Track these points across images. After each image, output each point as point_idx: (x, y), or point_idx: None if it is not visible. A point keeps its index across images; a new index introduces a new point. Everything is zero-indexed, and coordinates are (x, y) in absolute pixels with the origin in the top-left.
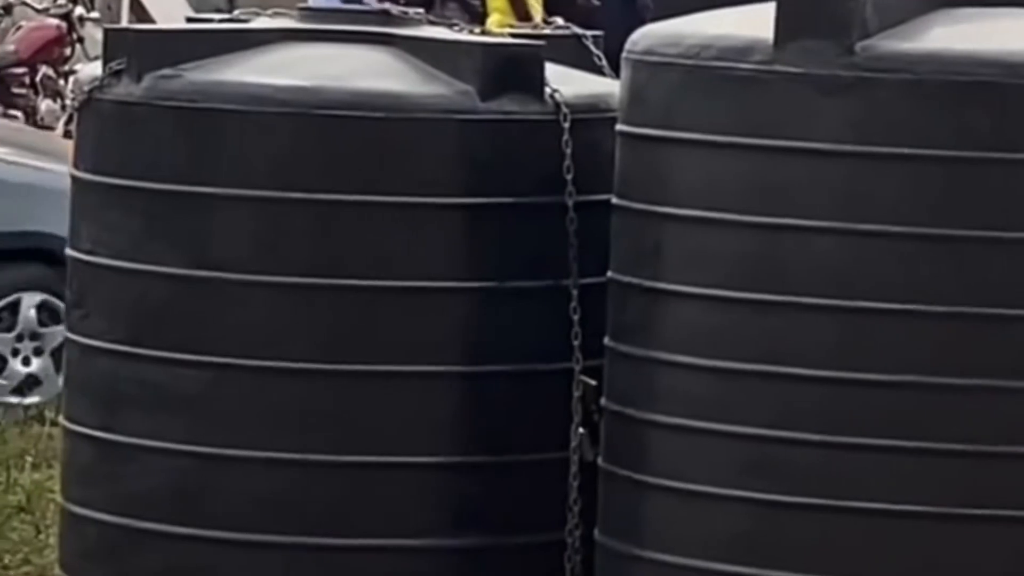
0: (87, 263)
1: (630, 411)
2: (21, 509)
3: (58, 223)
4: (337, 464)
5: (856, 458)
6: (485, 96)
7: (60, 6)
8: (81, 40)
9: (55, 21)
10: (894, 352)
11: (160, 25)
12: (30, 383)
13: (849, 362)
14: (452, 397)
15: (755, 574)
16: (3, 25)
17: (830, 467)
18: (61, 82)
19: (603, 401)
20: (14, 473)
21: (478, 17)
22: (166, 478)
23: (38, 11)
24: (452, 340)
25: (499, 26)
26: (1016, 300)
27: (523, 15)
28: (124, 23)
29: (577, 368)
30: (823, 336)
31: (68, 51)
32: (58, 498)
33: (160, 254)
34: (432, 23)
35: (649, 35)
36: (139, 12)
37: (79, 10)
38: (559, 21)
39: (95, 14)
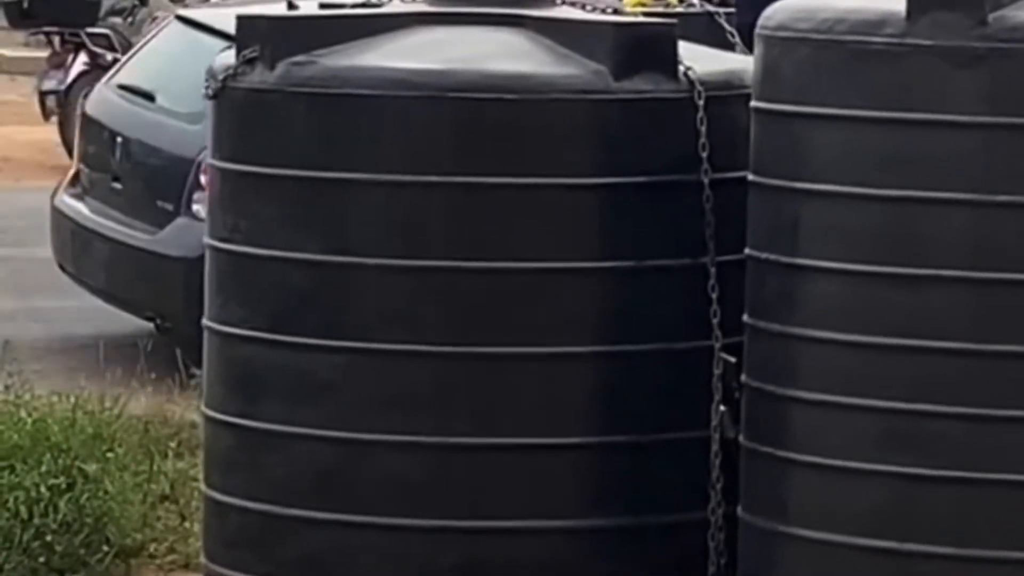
0: (226, 251)
1: (770, 387)
2: (165, 498)
3: None
4: (477, 447)
5: (995, 430)
6: (619, 75)
7: None
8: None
9: None
10: None
11: (292, 11)
12: None
13: (986, 334)
14: (591, 377)
15: (897, 547)
16: (140, 16)
17: (969, 440)
18: None
19: (743, 378)
20: (158, 461)
21: None
22: (306, 464)
23: (174, 1)
24: (590, 320)
25: (633, 5)
26: None
27: None
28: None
29: (717, 346)
30: (960, 308)
31: None
32: (201, 486)
33: (298, 240)
34: (564, 3)
35: (782, 10)
36: None
37: None
38: None
39: None
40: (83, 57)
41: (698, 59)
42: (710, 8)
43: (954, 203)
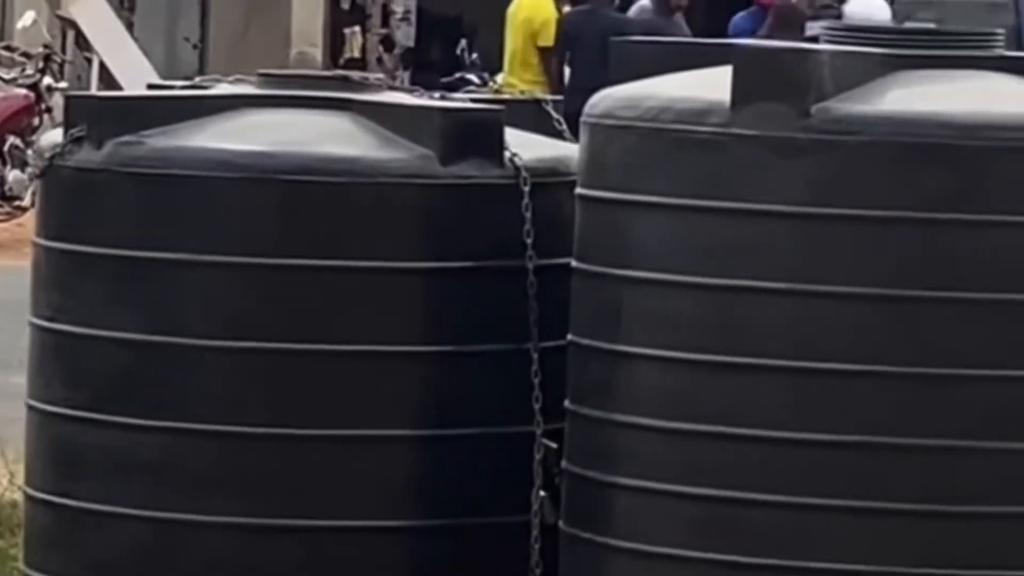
0: (49, 330)
1: (591, 473)
2: None
3: None
4: (297, 529)
5: (814, 519)
6: (445, 160)
7: (28, 76)
8: (50, 110)
9: (23, 91)
10: (851, 413)
11: (120, 92)
12: None
13: (806, 423)
14: (412, 461)
15: None
16: None
17: (789, 528)
18: (29, 152)
19: (564, 464)
20: None
21: None
22: (126, 544)
23: (6, 81)
24: (412, 404)
25: (510, 86)
26: (972, 361)
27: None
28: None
29: (538, 431)
30: (780, 397)
31: (36, 121)
32: (20, 565)
33: (121, 320)
34: (392, 88)
35: (607, 98)
36: (108, 81)
37: (47, 80)
38: None
39: (64, 84)
40: None
41: (525, 146)
42: (537, 96)
43: (775, 292)
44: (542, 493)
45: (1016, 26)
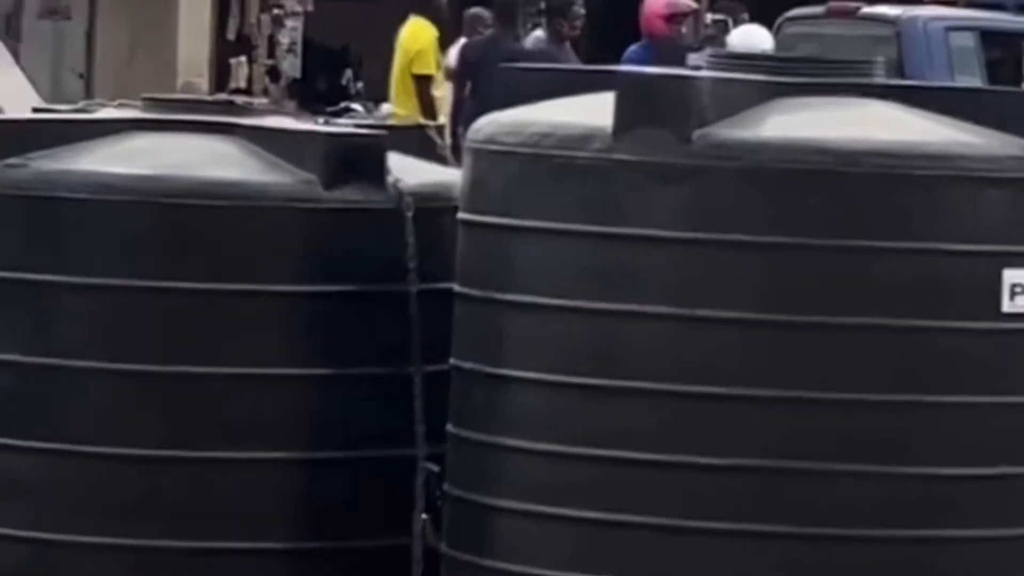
0: None
1: (472, 496)
2: None
3: None
4: (177, 551)
5: (695, 542)
6: (328, 185)
7: None
8: None
9: None
10: (731, 437)
11: (6, 115)
12: None
13: (687, 446)
14: (294, 484)
15: None
16: None
17: (670, 551)
18: None
19: (446, 487)
20: None
21: None
22: (6, 566)
23: None
24: (295, 427)
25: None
26: (850, 386)
27: (429, 112)
28: None
29: (420, 455)
30: (661, 421)
31: None
32: None
33: (3, 343)
34: (276, 112)
35: (490, 123)
36: None
37: None
38: None
39: None
40: None
41: (408, 171)
42: (421, 122)
43: (655, 317)
44: (424, 516)
45: (898, 60)
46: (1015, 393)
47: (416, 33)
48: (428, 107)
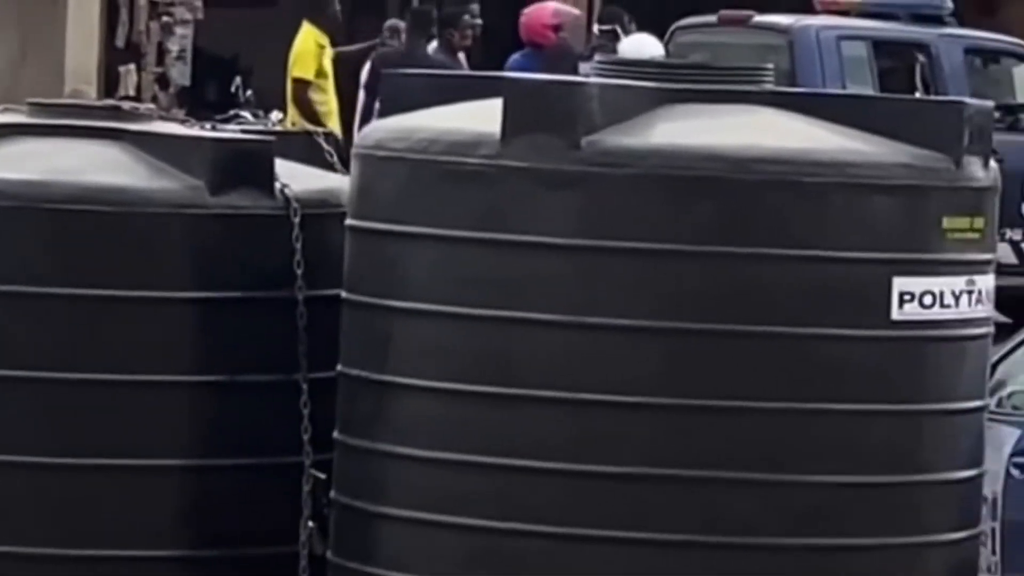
0: None
1: (359, 504)
2: None
3: None
4: (67, 559)
5: (585, 550)
6: (215, 191)
7: None
8: None
9: None
10: (624, 445)
11: None
12: None
13: (578, 455)
14: (182, 491)
15: None
16: None
17: (559, 559)
18: None
19: (333, 494)
20: None
21: None
22: None
23: None
24: (183, 434)
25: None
26: (745, 393)
27: (307, 115)
28: None
29: (307, 462)
30: (551, 429)
31: None
32: None
33: None
34: (163, 118)
35: (378, 129)
36: None
37: None
38: None
39: None
40: None
41: (295, 177)
42: (309, 128)
43: (544, 324)
44: (311, 524)
45: (790, 69)
46: (903, 401)
47: (301, 39)
48: (306, 109)
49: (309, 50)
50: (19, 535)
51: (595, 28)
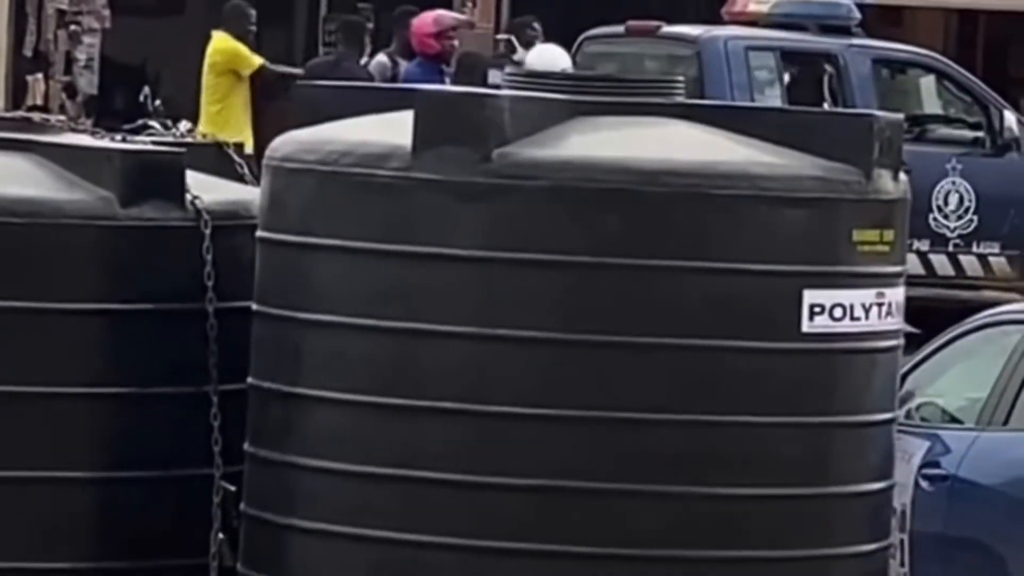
0: None
1: (268, 516)
2: None
3: None
4: None
5: (490, 562)
6: (125, 202)
7: None
8: None
9: None
10: (528, 456)
11: None
12: None
13: (483, 466)
14: (89, 503)
15: None
16: None
17: (465, 571)
18: None
19: (243, 506)
20: None
21: None
22: None
23: None
24: (90, 446)
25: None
26: (648, 405)
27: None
28: None
29: (217, 474)
30: (457, 440)
31: None
32: None
33: None
34: (74, 130)
35: (289, 142)
36: None
37: None
38: None
39: None
40: None
41: (206, 188)
42: (220, 140)
43: (453, 336)
44: (220, 535)
45: (698, 79)
46: (813, 413)
47: (217, 45)
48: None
49: (237, 46)
50: None
51: (498, 37)
